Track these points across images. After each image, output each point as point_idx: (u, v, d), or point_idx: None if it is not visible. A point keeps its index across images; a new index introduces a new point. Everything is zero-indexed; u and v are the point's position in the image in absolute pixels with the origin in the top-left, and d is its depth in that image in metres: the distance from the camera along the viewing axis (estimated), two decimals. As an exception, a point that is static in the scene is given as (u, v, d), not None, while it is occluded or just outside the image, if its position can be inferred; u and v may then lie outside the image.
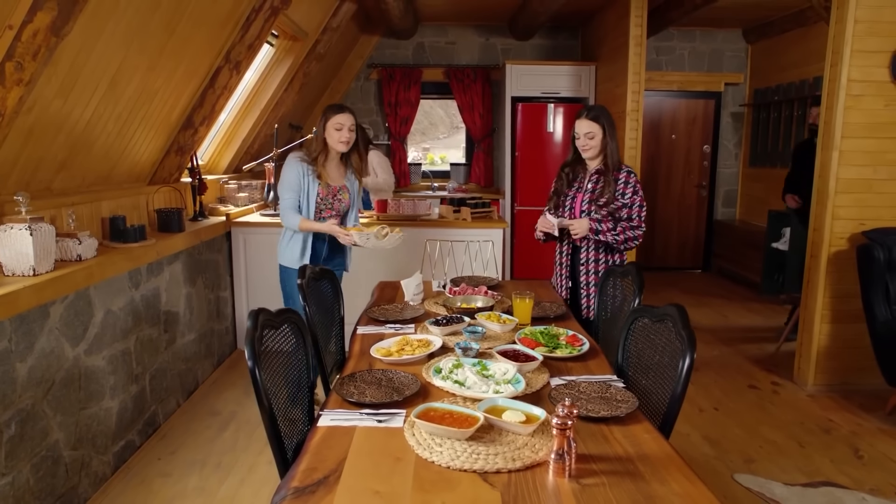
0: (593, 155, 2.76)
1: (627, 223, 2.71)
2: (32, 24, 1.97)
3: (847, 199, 3.59)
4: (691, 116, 6.97)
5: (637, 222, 2.72)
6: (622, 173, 2.74)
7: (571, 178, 2.85)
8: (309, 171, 2.98)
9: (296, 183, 2.97)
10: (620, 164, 2.76)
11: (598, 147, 2.73)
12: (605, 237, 2.69)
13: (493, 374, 1.78)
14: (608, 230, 2.68)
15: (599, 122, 2.71)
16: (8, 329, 2.07)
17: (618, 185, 2.73)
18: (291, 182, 2.97)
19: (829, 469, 2.86)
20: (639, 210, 2.72)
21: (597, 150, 2.74)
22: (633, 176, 2.74)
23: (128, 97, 2.86)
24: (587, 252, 2.81)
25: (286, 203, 2.98)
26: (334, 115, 2.94)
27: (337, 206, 3.10)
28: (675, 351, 1.75)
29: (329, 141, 2.97)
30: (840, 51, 3.49)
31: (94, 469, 2.59)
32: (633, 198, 2.72)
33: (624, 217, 2.72)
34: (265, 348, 1.68)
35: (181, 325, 3.48)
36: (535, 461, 1.36)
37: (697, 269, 7.23)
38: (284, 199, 2.99)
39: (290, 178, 2.98)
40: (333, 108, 2.97)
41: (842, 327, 3.70)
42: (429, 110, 8.55)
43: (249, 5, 3.48)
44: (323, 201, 3.04)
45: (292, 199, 2.98)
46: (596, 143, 2.73)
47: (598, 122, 2.71)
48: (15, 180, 2.45)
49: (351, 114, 2.97)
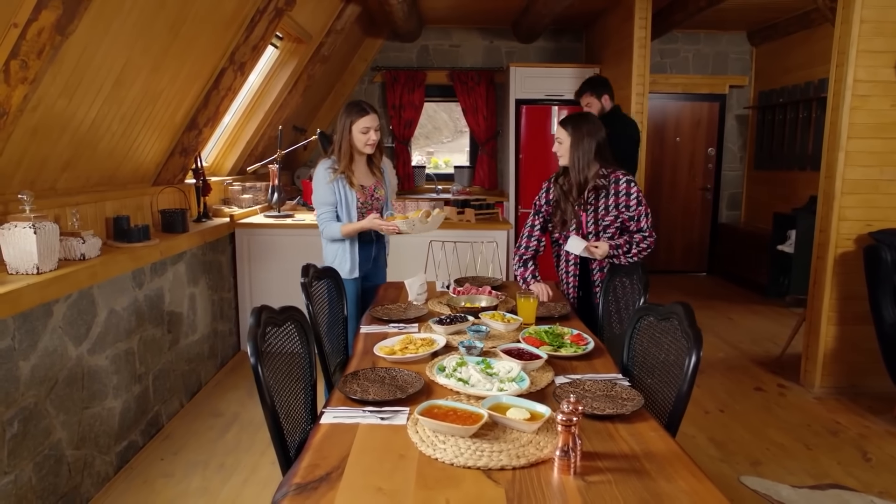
0: (564, 161, 2.73)
1: (640, 235, 2.68)
2: (37, 23, 1.97)
3: (853, 199, 3.57)
4: (696, 119, 6.96)
5: (648, 232, 2.69)
6: (621, 184, 2.68)
7: (567, 189, 2.76)
8: (341, 181, 2.84)
9: (330, 196, 2.83)
10: (586, 179, 2.67)
11: (566, 154, 2.70)
12: (619, 261, 2.68)
13: (497, 372, 1.76)
14: (623, 254, 2.67)
15: (566, 127, 2.68)
16: (11, 327, 2.07)
17: (619, 197, 2.68)
18: (325, 196, 2.84)
19: (837, 471, 2.83)
20: (646, 220, 2.69)
21: (565, 157, 2.70)
22: (633, 185, 2.68)
23: (132, 97, 2.86)
24: (596, 261, 2.78)
25: (323, 217, 2.85)
26: (359, 119, 2.77)
27: (376, 205, 2.99)
28: (681, 349, 1.73)
29: (357, 144, 2.81)
30: (846, 51, 3.47)
31: (97, 469, 2.59)
32: (639, 209, 2.68)
33: (633, 229, 2.70)
34: (268, 345, 1.67)
35: (185, 325, 3.48)
36: (540, 458, 1.35)
37: (702, 272, 7.20)
38: (320, 214, 2.86)
39: (324, 193, 2.84)
40: (357, 110, 2.79)
41: (849, 329, 3.67)
42: (432, 113, 8.55)
43: (254, 7, 3.49)
44: (364, 205, 2.91)
45: (329, 212, 2.84)
46: (564, 150, 2.70)
47: (565, 127, 2.69)
48: (20, 179, 2.46)
49: (376, 114, 2.81)
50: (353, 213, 2.88)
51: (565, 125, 2.69)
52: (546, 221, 2.86)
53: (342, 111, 2.85)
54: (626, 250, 2.67)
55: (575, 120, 2.70)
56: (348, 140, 2.81)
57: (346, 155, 2.83)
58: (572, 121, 2.70)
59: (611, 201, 2.69)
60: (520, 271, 2.86)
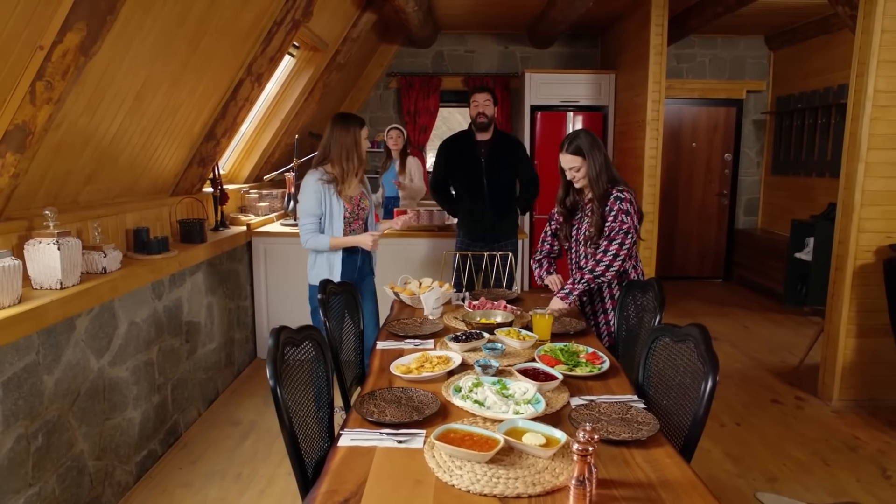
0: (585, 184, 2.68)
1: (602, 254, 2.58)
2: (62, 45, 2.01)
3: (873, 211, 3.53)
4: (712, 124, 6.90)
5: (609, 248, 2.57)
6: (611, 199, 2.61)
7: (572, 208, 2.77)
8: (330, 191, 2.90)
9: (317, 208, 2.89)
10: (608, 190, 2.62)
11: (585, 178, 2.65)
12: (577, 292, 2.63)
13: (512, 393, 1.77)
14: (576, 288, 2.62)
15: (580, 153, 2.61)
16: (36, 342, 2.12)
17: (606, 211, 2.62)
18: (313, 208, 2.89)
19: (856, 489, 2.80)
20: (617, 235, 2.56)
21: (586, 180, 2.65)
22: (618, 201, 2.58)
23: (152, 111, 2.91)
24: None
25: (308, 228, 2.90)
26: (361, 129, 2.92)
27: (362, 214, 3.07)
28: (697, 372, 1.73)
29: (362, 154, 2.93)
30: (866, 61, 3.43)
31: (117, 478, 2.63)
32: (612, 224, 2.58)
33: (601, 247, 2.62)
34: (287, 366, 1.69)
35: (202, 334, 3.52)
36: (556, 486, 1.36)
37: (718, 279, 7.14)
38: (305, 225, 2.90)
39: (312, 204, 2.89)
40: (358, 121, 2.92)
41: (868, 342, 3.63)
42: (447, 117, 8.56)
43: (271, 19, 3.52)
44: (351, 215, 2.99)
45: (314, 223, 2.90)
46: (583, 175, 2.64)
47: (578, 154, 2.61)
48: (43, 194, 2.51)
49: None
50: (339, 224, 2.94)
51: (577, 152, 2.61)
52: (557, 230, 2.90)
53: (339, 123, 2.91)
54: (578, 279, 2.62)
55: (577, 140, 2.63)
56: (356, 150, 2.89)
57: (351, 164, 2.90)
58: (579, 142, 2.62)
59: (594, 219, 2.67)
60: (536, 271, 2.95)
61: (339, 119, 2.95)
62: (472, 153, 3.68)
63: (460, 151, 3.73)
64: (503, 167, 3.69)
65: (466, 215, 3.78)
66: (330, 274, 2.97)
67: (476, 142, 3.69)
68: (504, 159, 3.69)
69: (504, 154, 3.69)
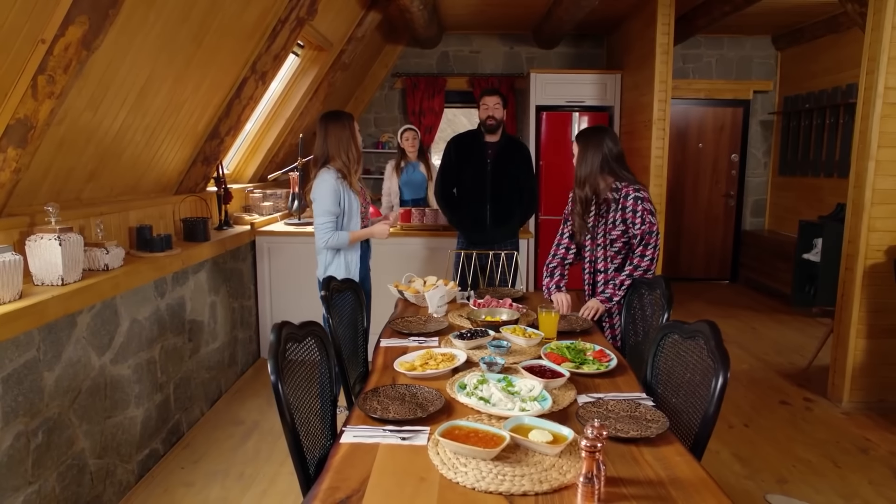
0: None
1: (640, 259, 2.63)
2: (64, 38, 1.99)
3: (884, 210, 3.48)
4: (719, 125, 6.86)
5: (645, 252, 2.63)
6: (629, 200, 2.62)
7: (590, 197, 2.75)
8: (346, 188, 2.94)
9: (336, 207, 2.89)
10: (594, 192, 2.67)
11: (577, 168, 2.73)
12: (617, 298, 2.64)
13: (518, 390, 1.74)
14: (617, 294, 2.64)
15: (577, 141, 2.73)
16: (36, 338, 2.10)
17: (626, 212, 2.63)
18: (332, 206, 2.88)
19: (868, 491, 2.76)
20: (650, 238, 2.62)
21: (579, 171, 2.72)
22: (640, 203, 2.61)
23: (156, 108, 2.89)
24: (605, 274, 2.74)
25: (328, 227, 2.89)
26: (352, 121, 2.98)
27: (365, 208, 3.13)
28: (707, 369, 1.69)
29: (359, 146, 2.99)
30: (876, 58, 3.39)
31: (119, 477, 2.61)
32: (643, 227, 2.61)
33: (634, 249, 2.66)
34: (288, 362, 1.66)
35: (205, 333, 3.50)
36: (563, 484, 1.32)
37: (725, 280, 7.09)
38: (323, 224, 2.89)
39: (332, 203, 2.88)
40: (348, 116, 2.99)
41: (879, 342, 3.58)
42: (452, 118, 8.54)
43: (276, 17, 3.51)
44: (363, 209, 3.07)
45: (332, 222, 2.90)
46: (576, 164, 2.73)
47: (576, 140, 2.74)
48: (46, 190, 2.49)
49: None
50: (356, 220, 2.96)
51: (577, 139, 2.74)
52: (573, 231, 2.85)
53: (331, 120, 2.94)
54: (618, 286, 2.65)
55: (583, 133, 2.74)
56: (353, 142, 2.93)
57: (354, 159, 2.94)
58: (582, 134, 2.74)
59: (618, 215, 2.65)
60: (545, 281, 2.87)
61: (329, 116, 2.98)
62: (480, 153, 3.66)
63: (469, 150, 3.71)
64: (508, 170, 3.66)
65: (467, 216, 3.75)
66: (348, 273, 2.96)
67: (484, 143, 3.67)
68: (510, 163, 3.67)
69: (510, 158, 3.67)
